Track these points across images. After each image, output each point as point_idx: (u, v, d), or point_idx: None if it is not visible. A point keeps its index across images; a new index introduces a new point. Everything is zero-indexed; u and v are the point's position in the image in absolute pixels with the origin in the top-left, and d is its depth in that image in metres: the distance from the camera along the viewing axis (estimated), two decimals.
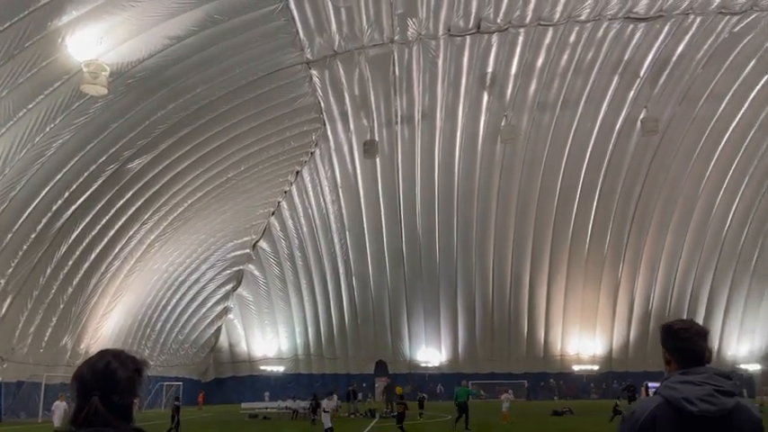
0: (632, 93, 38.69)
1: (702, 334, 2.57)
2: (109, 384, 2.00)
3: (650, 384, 28.59)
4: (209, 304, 50.45)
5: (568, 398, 49.55)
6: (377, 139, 39.36)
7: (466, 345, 52.52)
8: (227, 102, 30.25)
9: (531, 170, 44.19)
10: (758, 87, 38.13)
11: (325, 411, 17.90)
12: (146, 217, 34.13)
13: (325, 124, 39.14)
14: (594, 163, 43.58)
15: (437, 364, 53.12)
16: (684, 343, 2.55)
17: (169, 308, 45.60)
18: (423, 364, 53.03)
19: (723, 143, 42.26)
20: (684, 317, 49.80)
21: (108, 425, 1.94)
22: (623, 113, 40.16)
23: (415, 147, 42.78)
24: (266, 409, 36.74)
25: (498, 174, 44.50)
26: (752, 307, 49.60)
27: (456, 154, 43.24)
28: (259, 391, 48.83)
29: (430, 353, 53.04)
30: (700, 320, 50.01)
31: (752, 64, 36.45)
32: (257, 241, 49.53)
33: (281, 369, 53.70)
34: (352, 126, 40.10)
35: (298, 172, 43.99)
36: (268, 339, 54.30)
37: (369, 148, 37.45)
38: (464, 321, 51.85)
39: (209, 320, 51.82)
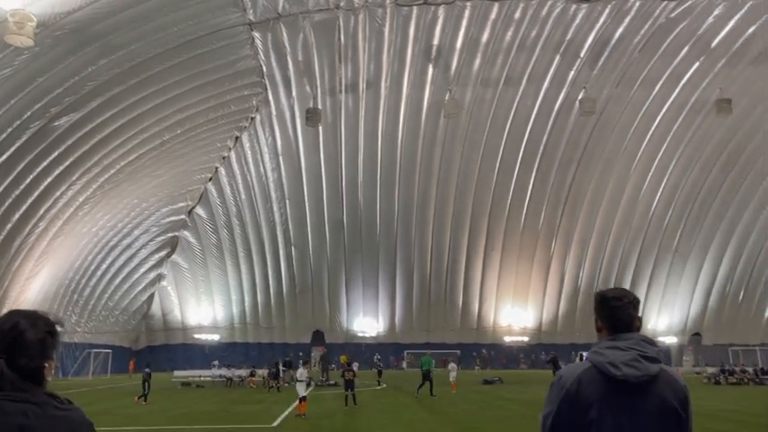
0: (572, 73, 39.48)
1: (634, 303, 2.61)
2: (16, 346, 1.86)
3: (584, 354, 29.87)
4: (142, 270, 49.07)
5: (490, 367, 50.97)
6: (320, 107, 38.83)
7: (403, 315, 53.29)
8: (162, 61, 29.05)
9: (473, 145, 44.73)
10: (689, 73, 39.55)
11: (299, 381, 17.25)
12: (74, 178, 32.62)
13: (266, 89, 38.24)
14: (533, 141, 44.47)
15: (374, 334, 53.72)
16: (615, 311, 2.59)
17: (99, 273, 44.10)
18: (360, 334, 53.52)
19: (654, 126, 43.83)
20: None
21: (17, 389, 1.81)
22: (563, 93, 41.00)
23: (359, 117, 42.46)
24: (199, 377, 36.29)
25: (440, 147, 44.84)
26: (672, 284, 52.29)
27: (400, 126, 43.21)
28: (193, 360, 48.15)
29: (367, 323, 53.54)
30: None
31: (685, 50, 37.72)
32: (193, 207, 48.32)
33: (216, 338, 53.05)
34: (294, 92, 39.35)
35: (237, 137, 42.96)
36: (203, 307, 53.44)
37: (311, 116, 36.93)
38: (402, 292, 52.52)
39: (141, 287, 50.45)
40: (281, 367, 30.34)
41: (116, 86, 28.80)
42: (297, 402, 16.47)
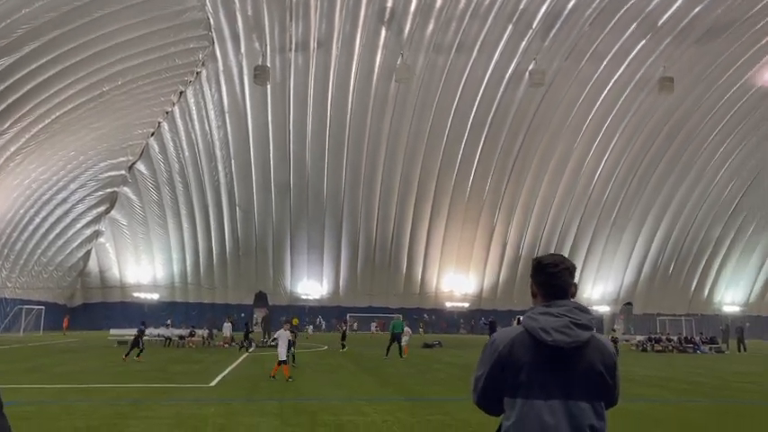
0: (524, 43, 39.70)
1: (570, 269, 2.63)
2: None
3: (520, 317, 30.70)
4: (78, 226, 47.35)
5: (431, 331, 51.95)
6: (269, 65, 37.86)
7: (347, 279, 53.50)
8: (102, 6, 27.61)
9: (423, 112, 44.68)
10: (635, 50, 40.39)
11: (280, 342, 16.15)
12: (4, 126, 30.93)
13: (213, 43, 36.96)
14: (483, 110, 44.75)
15: (318, 297, 53.84)
16: (551, 277, 2.60)
17: (31, 228, 42.32)
18: (303, 297, 53.53)
19: (600, 101, 44.75)
20: None
21: None
22: (514, 63, 41.25)
23: (309, 77, 41.68)
24: None
25: (391, 112, 44.60)
26: (608, 255, 54.23)
27: (350, 88, 42.67)
28: (131, 319, 47.13)
29: (311, 286, 53.55)
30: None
31: (633, 27, 38.42)
32: (134, 163, 46.70)
33: (155, 297, 52.04)
34: (243, 49, 38.21)
35: (181, 92, 41.53)
36: (142, 266, 52.19)
37: (260, 74, 35.99)
38: (347, 256, 52.62)
39: (77, 243, 48.74)
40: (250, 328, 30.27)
41: (52, 31, 27.26)
42: (277, 365, 15.54)
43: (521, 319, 3.23)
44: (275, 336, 16.31)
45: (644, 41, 39.71)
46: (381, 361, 22.46)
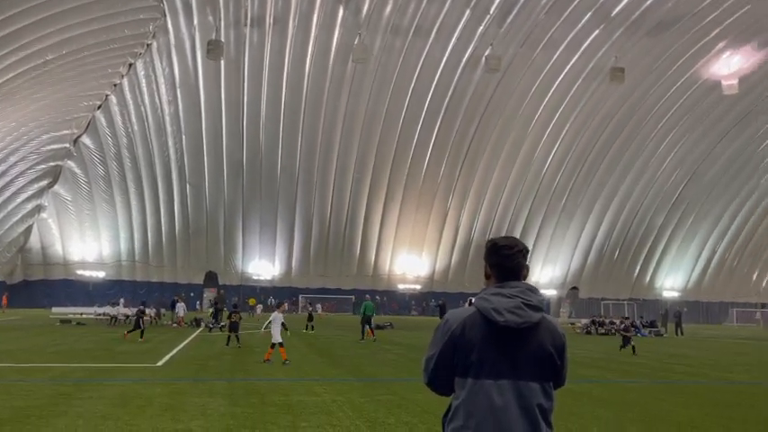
0: (481, 29, 39.89)
1: (523, 252, 2.65)
2: None
3: (472, 299, 31.14)
4: (19, 200, 45.46)
5: (383, 313, 52.34)
6: (223, 39, 36.96)
7: (300, 260, 53.22)
8: None
9: (379, 94, 44.52)
10: (589, 40, 41.12)
11: (273, 324, 15.43)
12: None
13: (165, 15, 35.80)
14: (439, 94, 44.88)
15: (269, 278, 53.41)
16: (505, 259, 2.61)
17: None
18: (255, 277, 53.02)
19: (553, 89, 45.47)
20: None
21: None
22: (470, 48, 41.44)
23: (264, 54, 40.92)
24: (81, 315, 34.63)
25: (347, 93, 44.27)
26: (557, 241, 55.56)
27: (306, 67, 42.11)
28: (75, 297, 45.84)
29: (263, 266, 53.07)
30: None
31: (587, 17, 39.06)
32: (79, 136, 45.03)
33: (101, 275, 50.64)
34: (196, 21, 37.16)
35: (131, 65, 40.15)
36: (88, 243, 50.59)
37: (213, 49, 35.13)
38: (300, 237, 52.29)
39: (17, 218, 46.79)
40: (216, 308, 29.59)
41: None
42: (271, 348, 14.89)
43: (472, 300, 3.25)
44: (270, 318, 15.67)
45: (597, 31, 40.46)
46: (332, 341, 22.51)
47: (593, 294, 56.08)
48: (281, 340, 14.98)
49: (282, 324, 15.28)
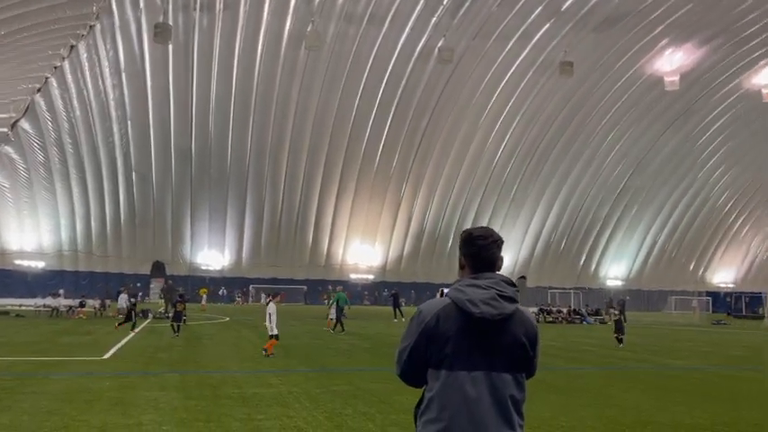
0: (434, 19, 40.00)
1: (498, 243, 2.63)
2: None
3: (445, 290, 31.37)
4: None
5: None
6: (171, 23, 35.91)
7: (251, 249, 52.50)
8: None
9: (332, 83, 44.17)
10: (539, 33, 41.77)
11: (275, 315, 14.95)
12: None
13: None
14: (392, 84, 44.85)
15: (219, 268, 52.52)
16: (480, 249, 2.59)
17: None
18: (204, 267, 52.02)
19: (504, 81, 46.06)
20: (450, 238, 55.34)
21: None
22: (424, 39, 41.53)
23: (214, 39, 39.99)
24: (20, 306, 33.26)
25: (300, 80, 43.75)
26: (506, 231, 56.40)
27: (258, 53, 41.37)
28: (12, 288, 43.94)
29: (212, 256, 52.11)
30: None
31: (538, 10, 39.64)
32: (17, 120, 42.97)
33: (41, 265, 48.69)
34: (142, 4, 35.99)
35: (72, 47, 38.53)
36: (26, 232, 48.48)
37: (161, 32, 34.09)
38: (251, 226, 51.54)
39: None
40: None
41: None
42: (274, 340, 14.52)
43: (444, 291, 3.24)
44: (268, 310, 15.12)
45: (547, 25, 41.13)
46: (284, 332, 22.29)
47: (541, 283, 57.36)
48: (276, 332, 14.71)
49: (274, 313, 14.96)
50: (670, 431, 7.61)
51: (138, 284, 47.72)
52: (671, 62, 44.35)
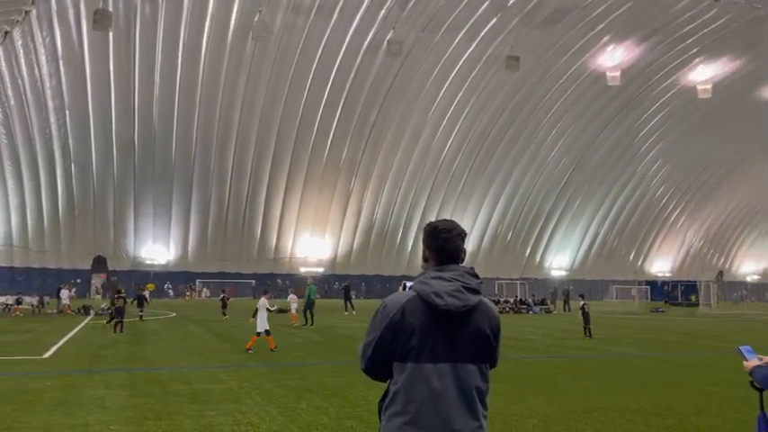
0: (383, 12, 39.99)
1: (462, 235, 2.65)
2: None
3: (408, 283, 31.36)
4: None
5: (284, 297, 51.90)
6: (110, 9, 34.68)
7: (197, 243, 51.41)
8: None
9: (280, 74, 43.61)
10: (487, 27, 42.32)
11: (259, 311, 14.77)
12: None
13: None
14: (341, 76, 44.63)
15: (164, 262, 51.24)
16: (444, 242, 2.60)
17: None
18: (148, 262, 50.66)
19: (452, 75, 46.51)
20: (400, 231, 55.67)
21: None
22: (373, 31, 41.47)
23: (158, 27, 38.88)
24: None
25: (247, 71, 43.01)
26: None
27: (203, 42, 40.45)
28: None
29: (157, 250, 50.80)
30: (411, 233, 55.99)
31: (486, 5, 40.15)
32: None
33: None
34: None
35: (6, 32, 36.76)
36: None
37: (100, 19, 32.94)
38: (197, 219, 50.45)
39: None
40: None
41: None
42: (256, 336, 14.33)
43: (407, 284, 3.23)
44: (259, 306, 14.88)
45: (495, 20, 41.71)
46: (234, 326, 21.99)
47: (488, 274, 58.23)
48: (267, 328, 14.56)
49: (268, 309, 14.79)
50: (616, 415, 7.86)
51: (79, 280, 46.23)
52: (612, 58, 45.71)
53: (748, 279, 77.29)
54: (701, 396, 9.31)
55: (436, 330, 2.45)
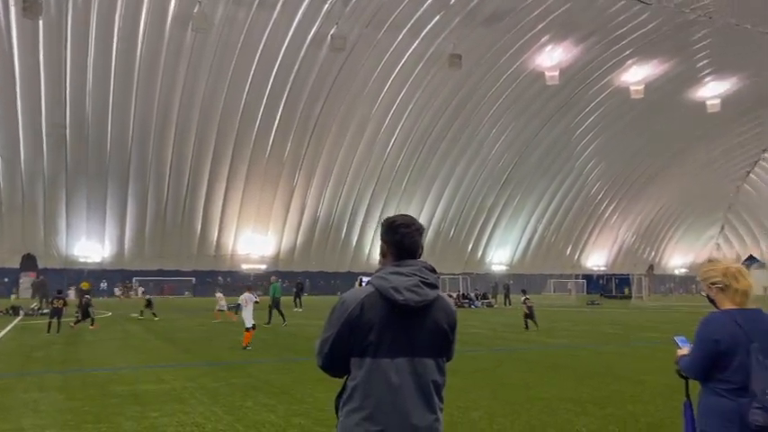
0: (326, 6, 39.73)
1: (420, 231, 2.67)
2: None
3: (364, 279, 31.02)
4: None
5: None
6: None
7: (133, 240, 49.78)
8: None
9: (222, 66, 42.70)
10: (430, 25, 42.69)
11: (244, 307, 14.73)
12: None
13: None
14: (284, 71, 44.10)
15: (98, 260, 49.39)
16: (403, 237, 2.61)
17: None
18: (81, 260, 48.73)
19: (396, 72, 46.70)
20: (344, 227, 55.59)
21: None
22: (316, 26, 41.16)
23: (91, 14, 37.40)
24: None
25: (186, 63, 41.91)
26: None
27: (140, 32, 39.17)
28: None
29: (91, 247, 48.92)
30: (356, 229, 56.03)
31: (429, 2, 40.46)
32: None
33: None
34: None
35: None
36: None
37: (30, 6, 31.43)
38: (134, 215, 48.85)
39: None
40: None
41: None
42: (247, 332, 14.30)
43: (363, 279, 3.23)
44: (241, 300, 14.65)
45: (437, 17, 42.11)
46: (174, 325, 21.48)
47: None
48: (253, 323, 14.56)
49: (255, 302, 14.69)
50: (558, 405, 8.11)
51: (6, 280, 44.14)
52: (551, 58, 46.94)
53: (676, 272, 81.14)
54: (635, 384, 9.71)
55: (394, 325, 2.46)
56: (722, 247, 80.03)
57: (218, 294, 25.77)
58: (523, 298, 21.25)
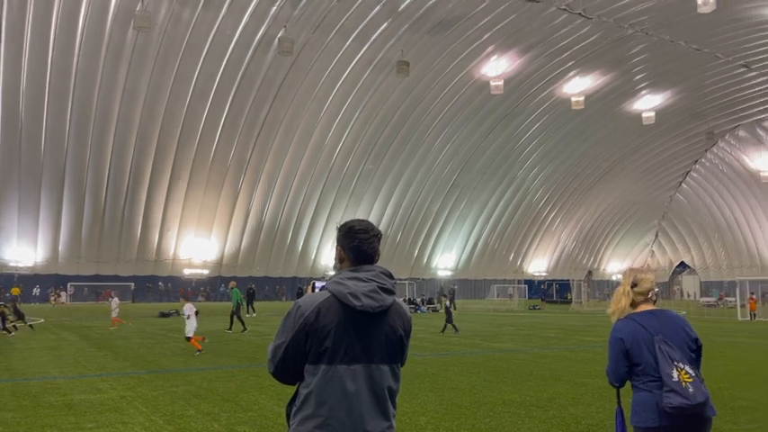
0: (274, 9, 39.33)
1: (378, 236, 2.67)
2: None
3: (317, 283, 30.51)
4: None
5: (166, 300, 49.83)
6: None
7: (69, 244, 47.83)
8: None
9: (165, 67, 41.63)
10: (378, 31, 42.83)
11: (187, 317, 14.53)
12: None
13: None
14: (229, 73, 43.35)
15: (30, 264, 47.25)
16: (361, 243, 2.59)
17: None
18: (12, 264, 46.51)
19: (344, 77, 46.61)
20: (290, 232, 55.04)
21: None
22: (263, 28, 40.66)
23: (27, 10, 35.85)
24: None
25: (127, 63, 40.65)
26: None
27: (78, 28, 37.77)
28: None
29: (22, 251, 46.74)
30: (302, 234, 55.49)
31: (377, 8, 40.60)
32: None
33: None
34: None
35: None
36: None
37: None
38: (69, 218, 46.95)
39: None
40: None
41: None
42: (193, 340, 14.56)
43: (316, 284, 3.18)
44: (185, 310, 14.77)
45: (386, 24, 42.28)
46: (109, 332, 20.76)
47: None
48: (189, 336, 14.75)
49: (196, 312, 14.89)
50: (502, 409, 8.22)
51: None
52: (496, 68, 47.82)
53: (614, 278, 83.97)
54: (577, 387, 9.96)
55: (351, 331, 2.43)
56: (656, 253, 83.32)
57: (115, 300, 24.76)
58: (445, 299, 21.79)
